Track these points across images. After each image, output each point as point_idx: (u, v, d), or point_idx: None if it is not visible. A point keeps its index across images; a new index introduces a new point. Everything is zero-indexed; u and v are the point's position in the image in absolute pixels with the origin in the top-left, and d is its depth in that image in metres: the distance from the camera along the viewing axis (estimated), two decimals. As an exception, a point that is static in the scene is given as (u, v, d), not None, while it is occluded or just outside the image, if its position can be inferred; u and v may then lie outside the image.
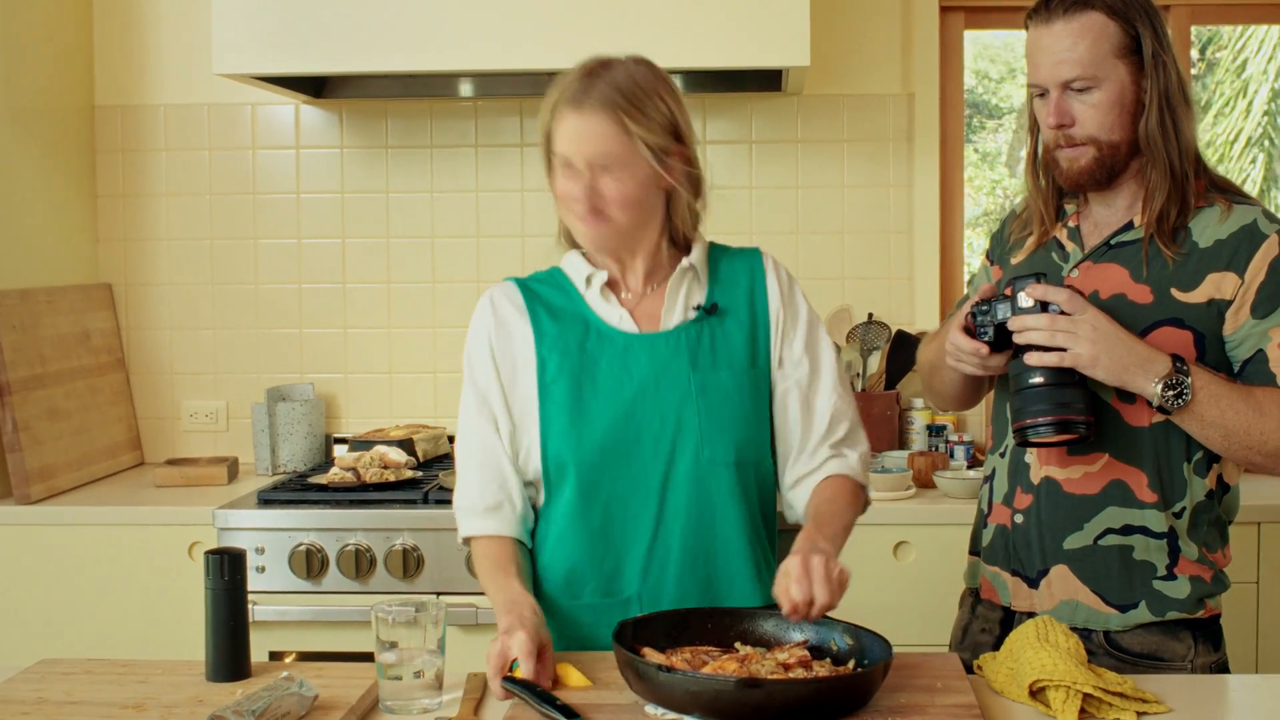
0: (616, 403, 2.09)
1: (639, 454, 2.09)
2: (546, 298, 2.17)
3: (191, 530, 3.30)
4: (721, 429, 2.09)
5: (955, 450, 3.65)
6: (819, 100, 3.90)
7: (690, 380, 2.09)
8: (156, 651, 3.24)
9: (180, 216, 3.99)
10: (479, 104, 3.94)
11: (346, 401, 4.00)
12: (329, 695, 1.85)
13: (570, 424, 2.09)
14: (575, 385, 2.10)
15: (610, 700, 1.79)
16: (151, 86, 3.98)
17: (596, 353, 2.11)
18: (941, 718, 1.71)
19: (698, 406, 2.09)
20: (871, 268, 3.93)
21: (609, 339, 2.12)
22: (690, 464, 2.08)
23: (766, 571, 2.12)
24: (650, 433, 2.08)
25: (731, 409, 2.10)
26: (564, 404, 2.10)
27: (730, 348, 2.13)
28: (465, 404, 2.18)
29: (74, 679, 1.96)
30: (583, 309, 2.15)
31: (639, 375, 2.10)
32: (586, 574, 2.12)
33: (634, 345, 2.11)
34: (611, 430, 2.08)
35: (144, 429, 4.01)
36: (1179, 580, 2.12)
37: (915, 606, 3.24)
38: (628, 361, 2.11)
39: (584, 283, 2.16)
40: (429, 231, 3.96)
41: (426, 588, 3.22)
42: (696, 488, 2.09)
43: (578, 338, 2.12)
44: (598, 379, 2.10)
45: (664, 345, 2.11)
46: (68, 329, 3.69)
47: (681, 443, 2.08)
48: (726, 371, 2.11)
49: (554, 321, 2.14)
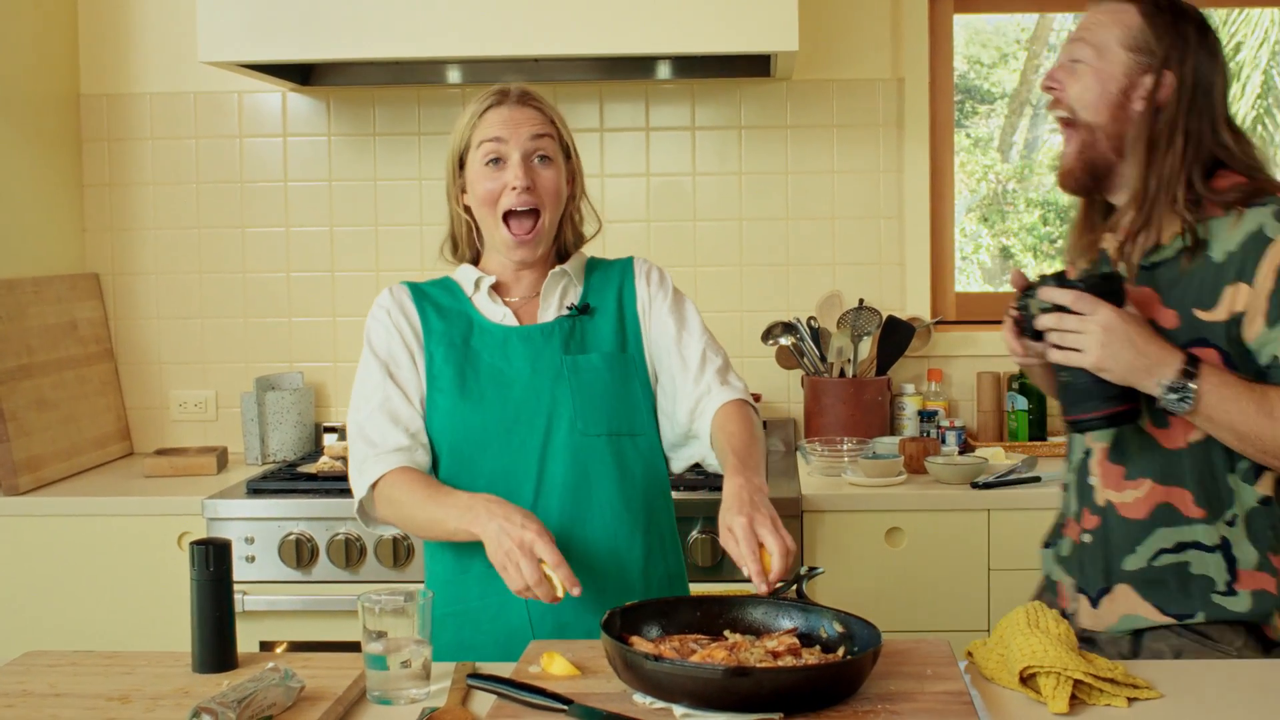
0: (497, 386, 2.22)
1: (518, 429, 2.20)
2: (435, 298, 2.31)
3: (181, 520, 3.29)
4: (593, 403, 2.22)
5: (947, 436, 3.64)
6: (808, 85, 3.89)
7: (563, 362, 2.24)
8: (146, 642, 3.23)
9: (167, 205, 3.98)
10: (467, 91, 3.92)
11: (336, 390, 3.98)
12: (316, 686, 1.84)
13: (455, 405, 2.21)
14: (459, 372, 2.23)
15: (598, 689, 1.78)
16: (137, 75, 3.96)
17: (479, 345, 2.25)
18: (932, 705, 1.70)
19: (571, 385, 2.22)
20: (862, 253, 3.91)
21: (490, 333, 2.26)
22: (565, 435, 2.20)
23: (648, 533, 2.23)
24: (528, 409, 2.21)
25: (603, 385, 2.24)
26: (449, 389, 2.22)
27: (600, 337, 2.28)
28: (366, 374, 2.27)
29: (59, 671, 1.95)
30: (468, 309, 2.29)
31: (517, 362, 2.24)
32: (474, 547, 2.12)
33: (512, 336, 2.26)
34: (493, 409, 2.20)
35: (132, 419, 4.00)
36: (1240, 595, 2.09)
37: (906, 592, 3.24)
38: (507, 351, 2.25)
39: (472, 286, 2.29)
40: (417, 219, 3.95)
41: (416, 576, 3.21)
42: (572, 457, 2.20)
43: (462, 332, 2.26)
44: (480, 368, 2.23)
45: (539, 335, 2.26)
46: (55, 319, 3.67)
47: (557, 417, 2.21)
48: (597, 354, 2.25)
49: (440, 319, 2.27)
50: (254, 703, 1.69)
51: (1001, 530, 3.23)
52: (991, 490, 3.25)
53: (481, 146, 2.22)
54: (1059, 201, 4.85)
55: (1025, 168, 5.31)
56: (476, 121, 2.24)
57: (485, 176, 2.22)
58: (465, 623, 2.21)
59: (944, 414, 3.77)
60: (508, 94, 2.25)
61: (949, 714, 1.67)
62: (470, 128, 2.25)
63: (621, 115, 3.90)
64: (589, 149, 3.89)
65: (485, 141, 2.22)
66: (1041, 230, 5.14)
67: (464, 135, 2.25)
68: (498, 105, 2.24)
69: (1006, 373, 3.82)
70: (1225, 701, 1.85)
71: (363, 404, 2.25)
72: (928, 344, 3.86)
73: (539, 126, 2.24)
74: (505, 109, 2.23)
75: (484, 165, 2.22)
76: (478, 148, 2.23)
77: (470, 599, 2.21)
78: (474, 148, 2.24)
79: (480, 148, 2.22)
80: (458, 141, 2.26)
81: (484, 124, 2.23)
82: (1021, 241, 5.08)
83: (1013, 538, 3.22)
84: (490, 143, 2.21)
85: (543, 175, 2.23)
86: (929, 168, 3.89)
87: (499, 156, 2.21)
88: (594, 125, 3.90)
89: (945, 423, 3.70)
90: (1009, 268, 5.02)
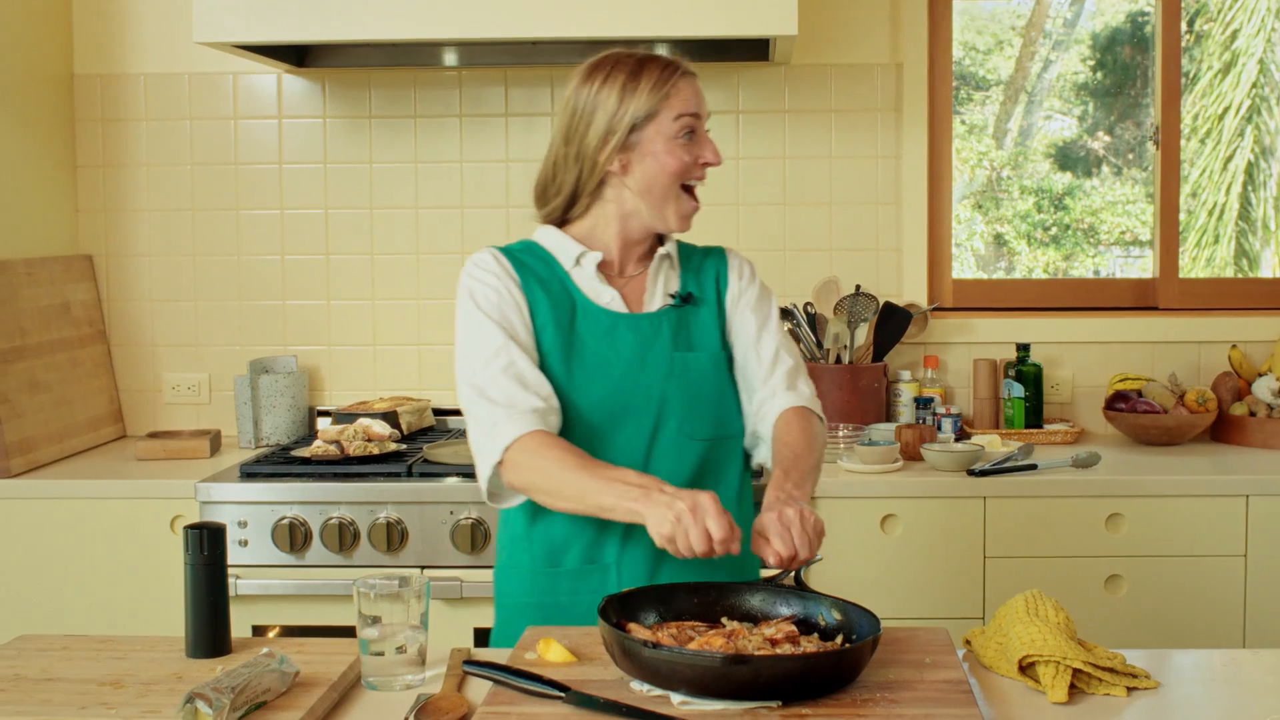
0: (605, 378, 2.15)
1: (624, 426, 2.15)
2: (533, 267, 2.21)
3: (173, 504, 3.27)
4: (700, 406, 2.18)
5: (943, 423, 3.63)
6: (806, 70, 3.87)
7: (673, 360, 2.18)
8: (138, 626, 3.22)
9: (161, 187, 3.95)
10: (463, 74, 3.90)
11: (330, 374, 3.97)
12: (310, 671, 1.83)
13: (561, 395, 2.12)
14: (565, 359, 2.15)
15: (595, 676, 1.77)
16: (131, 55, 3.94)
17: (584, 330, 2.17)
18: (931, 693, 1.70)
19: (681, 384, 2.17)
20: (859, 239, 3.90)
21: (595, 317, 2.18)
22: (672, 438, 2.16)
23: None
24: (636, 407, 2.15)
25: (710, 387, 2.20)
26: (556, 378, 2.14)
27: (704, 332, 2.23)
28: (479, 335, 2.14)
29: (51, 655, 1.94)
30: (568, 285, 2.20)
31: (625, 352, 2.16)
32: (569, 540, 2.15)
33: (620, 324, 2.18)
34: (600, 403, 2.14)
35: (125, 401, 3.98)
36: None
37: (903, 580, 3.23)
38: (614, 339, 2.17)
39: (572, 260, 2.20)
40: (413, 202, 3.93)
41: (410, 561, 3.20)
42: (676, 461, 2.16)
43: (567, 314, 2.17)
44: (585, 355, 2.16)
45: (648, 326, 2.19)
46: (47, 300, 3.65)
47: (665, 417, 2.16)
48: (705, 354, 2.21)
49: (544, 295, 2.18)
50: (248, 689, 1.68)
51: (998, 518, 3.22)
52: (988, 478, 3.25)
53: (679, 120, 2.15)
54: (1053, 189, 4.85)
55: (1020, 154, 5.30)
56: (669, 90, 2.15)
57: (679, 148, 2.15)
58: (551, 615, 2.14)
59: (940, 401, 3.76)
60: (679, 64, 2.19)
61: (948, 703, 1.66)
62: (659, 96, 2.14)
63: (618, 99, 3.88)
64: (585, 133, 3.87)
65: (684, 115, 2.15)
66: (1035, 217, 5.14)
67: (648, 102, 2.14)
68: (686, 76, 2.18)
69: (1003, 359, 3.81)
70: (1223, 691, 1.85)
71: (480, 367, 2.11)
72: (924, 330, 3.85)
73: (705, 104, 2.21)
74: (692, 81, 2.18)
75: (677, 137, 2.15)
76: (673, 119, 2.15)
77: (560, 593, 2.17)
78: (663, 117, 2.15)
79: (677, 120, 2.14)
80: (637, 106, 2.14)
81: (678, 95, 2.15)
82: (1015, 229, 5.07)
83: (1009, 525, 3.22)
84: (688, 116, 2.15)
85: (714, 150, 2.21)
86: (927, 153, 3.87)
87: (693, 130, 2.17)
88: (591, 109, 3.87)
89: (941, 409, 3.69)
90: (1002, 254, 5.03)
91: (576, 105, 2.17)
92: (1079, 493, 3.22)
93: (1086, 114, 4.61)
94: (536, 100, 3.89)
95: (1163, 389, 3.66)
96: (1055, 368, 3.88)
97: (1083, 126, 4.61)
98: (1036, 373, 3.74)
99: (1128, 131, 4.47)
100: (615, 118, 2.14)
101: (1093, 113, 4.59)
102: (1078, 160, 4.60)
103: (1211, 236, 5.36)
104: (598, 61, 2.19)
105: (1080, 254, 4.72)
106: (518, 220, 3.87)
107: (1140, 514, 3.21)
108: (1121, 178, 4.59)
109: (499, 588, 2.28)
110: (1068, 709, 1.74)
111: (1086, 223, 4.68)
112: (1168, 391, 3.66)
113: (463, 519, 3.18)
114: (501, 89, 3.89)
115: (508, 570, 2.25)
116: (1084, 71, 4.67)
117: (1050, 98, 4.72)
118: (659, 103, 2.14)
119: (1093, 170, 4.60)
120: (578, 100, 2.17)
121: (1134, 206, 4.58)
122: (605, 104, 2.14)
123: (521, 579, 2.21)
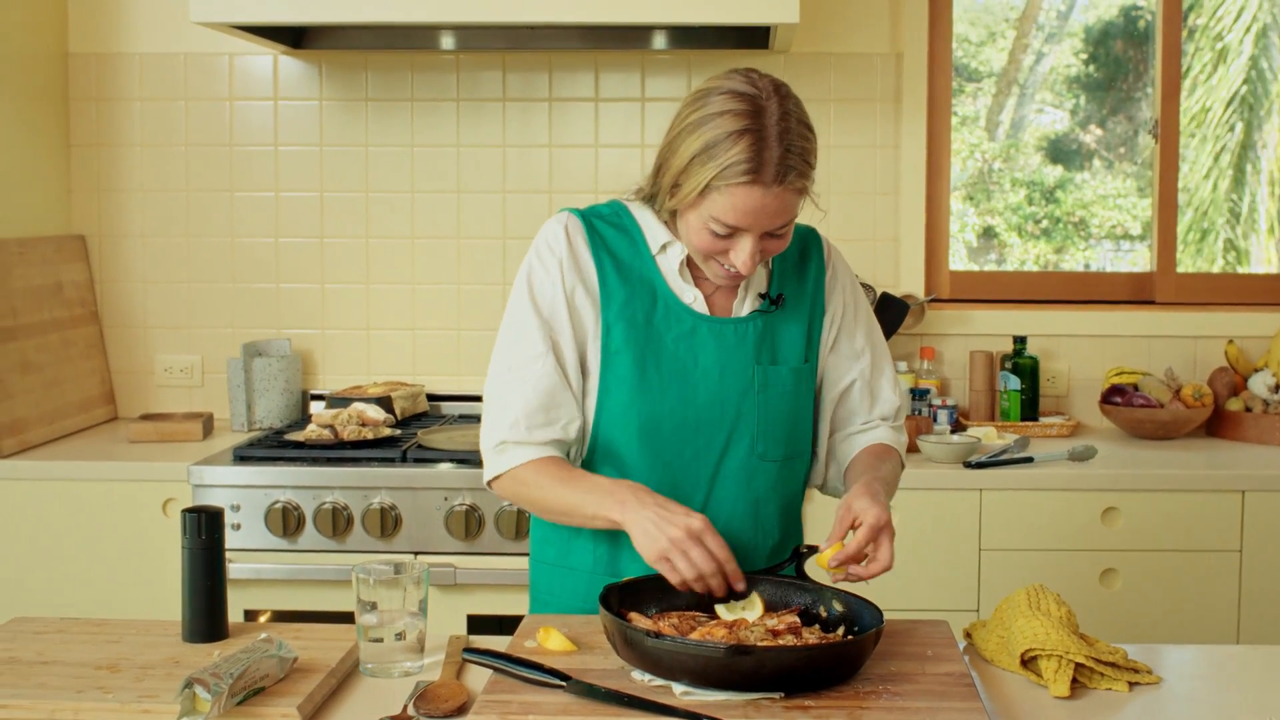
0: (680, 385, 2.02)
1: (695, 440, 2.03)
2: (614, 247, 2.04)
3: (166, 486, 3.25)
4: (776, 424, 2.06)
5: (939, 415, 3.63)
6: (806, 59, 3.86)
7: (754, 373, 2.04)
8: (131, 609, 3.21)
9: (155, 168, 3.93)
10: (460, 57, 3.87)
11: (324, 357, 3.95)
12: (308, 657, 1.82)
13: (630, 403, 2.01)
14: (639, 361, 2.01)
15: (595, 665, 1.76)
16: (127, 34, 3.91)
17: (663, 328, 2.02)
18: (932, 686, 1.69)
19: (759, 401, 2.04)
20: (857, 229, 3.89)
21: (677, 316, 2.03)
22: (744, 457, 2.05)
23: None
24: (709, 421, 2.03)
25: (787, 404, 2.06)
26: (626, 379, 2.01)
27: (790, 342, 2.07)
28: (524, 329, 2.02)
29: (46, 638, 1.92)
30: (652, 272, 2.04)
31: (704, 360, 2.02)
32: (633, 553, 1.99)
33: (701, 328, 2.03)
34: (671, 415, 2.01)
35: (118, 383, 3.96)
36: None
37: (897, 571, 3.21)
38: (694, 344, 2.02)
39: (658, 245, 2.04)
40: (408, 186, 3.91)
41: (404, 547, 3.19)
42: (746, 481, 2.06)
43: (645, 308, 2.02)
44: (662, 357, 2.01)
45: (732, 333, 2.04)
46: (40, 280, 3.63)
47: (738, 435, 2.04)
48: (786, 368, 2.06)
49: (622, 283, 2.02)
50: (247, 674, 1.66)
51: (993, 510, 3.22)
52: (984, 470, 3.24)
53: (712, 223, 1.90)
54: (1044, 181, 4.84)
55: (1011, 147, 5.30)
56: (721, 185, 1.86)
57: (706, 239, 1.93)
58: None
59: (936, 392, 3.75)
60: (765, 167, 1.84)
61: (950, 696, 1.66)
62: (707, 183, 1.86)
63: (617, 85, 3.87)
64: (583, 119, 3.86)
65: (717, 220, 1.89)
66: (1026, 210, 5.13)
67: (700, 177, 1.87)
68: (752, 184, 1.85)
69: (999, 352, 3.80)
70: (1225, 686, 1.85)
71: (516, 369, 2.01)
72: (921, 321, 3.84)
73: (788, 214, 1.91)
74: (759, 192, 1.85)
75: (707, 230, 1.91)
76: (708, 215, 1.89)
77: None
78: (701, 203, 1.90)
79: (711, 222, 1.90)
80: (696, 174, 1.88)
81: (727, 197, 1.86)
82: (1006, 221, 5.07)
83: (1005, 518, 3.21)
84: (723, 225, 1.89)
85: (770, 246, 1.95)
86: (925, 144, 3.86)
87: (729, 235, 1.91)
88: (589, 95, 3.86)
89: (937, 401, 3.68)
90: (994, 247, 5.02)
91: (674, 124, 1.95)
92: (1075, 486, 3.22)
93: (1079, 107, 4.60)
94: (534, 85, 3.87)
95: (1159, 383, 3.66)
96: (1052, 360, 3.87)
97: (1075, 120, 4.60)
98: (1033, 365, 3.73)
99: (1120, 125, 4.46)
100: (681, 173, 1.91)
101: (1085, 106, 4.58)
102: (1069, 153, 4.59)
103: (1198, 233, 5.36)
104: (718, 92, 1.90)
105: (1071, 247, 4.72)
106: (514, 205, 3.86)
107: (1136, 508, 3.21)
108: (1113, 171, 4.58)
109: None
110: (1070, 703, 1.74)
111: (1078, 216, 4.68)
112: (1164, 386, 3.66)
113: (457, 505, 3.17)
114: (499, 74, 3.87)
115: (540, 575, 2.17)
116: (1076, 65, 4.66)
117: (1042, 90, 4.71)
118: (705, 189, 1.88)
119: (1084, 164, 4.59)
120: (678, 119, 1.94)
121: (1125, 200, 4.58)
122: (684, 148, 1.90)
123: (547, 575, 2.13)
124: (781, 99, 1.89)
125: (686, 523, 1.83)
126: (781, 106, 1.88)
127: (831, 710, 1.61)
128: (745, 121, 1.85)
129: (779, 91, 1.90)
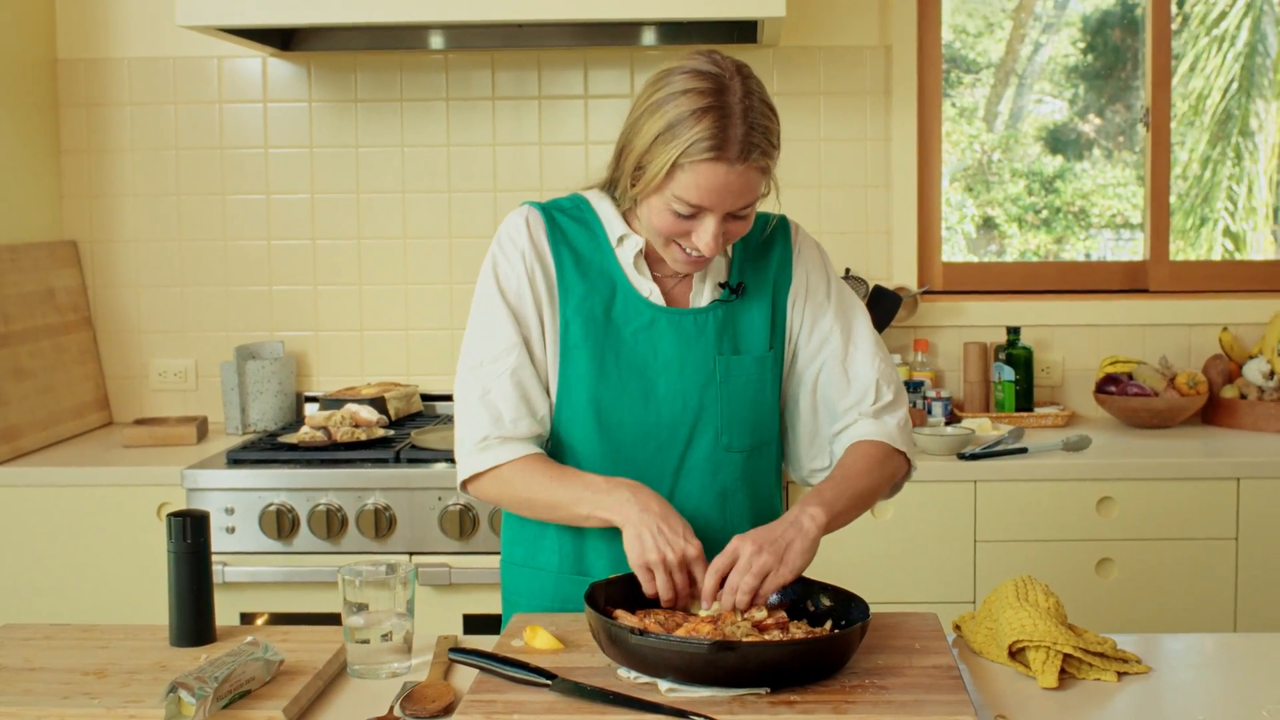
0: (640, 379, 2.00)
1: (657, 434, 2.01)
2: (574, 241, 2.03)
3: (160, 491, 3.25)
4: (740, 415, 2.03)
5: (933, 406, 3.63)
6: (795, 52, 3.85)
7: (715, 365, 2.02)
8: (123, 615, 3.21)
9: (146, 172, 3.92)
10: (450, 57, 3.87)
11: (317, 359, 3.94)
12: (295, 660, 1.82)
13: (590, 398, 2.00)
14: (598, 355, 1.99)
15: (581, 663, 1.76)
16: (115, 39, 3.90)
17: (621, 320, 2.01)
18: (920, 679, 1.68)
19: (721, 393, 2.02)
20: (848, 222, 3.88)
21: (635, 307, 2.01)
22: (708, 450, 2.03)
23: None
24: (671, 414, 2.01)
25: (751, 393, 2.04)
26: (585, 375, 2.00)
27: (752, 330, 2.05)
28: (492, 320, 2.01)
29: (34, 645, 1.92)
30: (611, 265, 2.02)
31: (664, 353, 2.01)
32: (598, 549, 2.02)
33: (660, 320, 2.01)
34: (632, 410, 2.00)
35: (111, 388, 3.96)
36: None
37: (893, 564, 3.22)
38: (654, 336, 2.01)
39: (615, 237, 2.03)
40: (399, 186, 3.90)
41: (399, 548, 3.19)
42: (711, 474, 2.04)
43: (604, 302, 2.01)
44: (621, 351, 2.00)
45: (691, 325, 2.02)
46: (32, 287, 3.62)
47: (702, 427, 2.02)
48: (749, 356, 2.03)
49: (580, 278, 2.01)
50: (232, 678, 1.66)
51: (988, 502, 3.21)
52: (978, 461, 3.24)
53: (675, 203, 1.88)
54: (1043, 172, 4.83)
55: (1010, 137, 5.29)
56: (685, 162, 1.84)
57: (668, 220, 1.91)
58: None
59: (930, 384, 3.75)
60: (729, 144, 1.83)
61: (937, 689, 1.65)
62: (673, 161, 1.85)
63: (606, 82, 3.86)
64: (572, 116, 3.85)
65: (680, 200, 1.87)
66: (1026, 200, 5.12)
67: (664, 156, 1.85)
68: (715, 160, 1.84)
69: (993, 343, 3.80)
70: (1214, 675, 1.84)
71: (490, 362, 1.99)
72: (914, 314, 3.83)
73: (752, 194, 1.90)
74: (723, 169, 1.84)
75: (669, 210, 1.90)
76: (671, 195, 1.88)
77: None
78: (665, 184, 1.88)
79: (674, 202, 1.88)
80: (660, 154, 1.86)
81: (690, 175, 1.85)
82: (1006, 212, 5.06)
83: (1000, 509, 3.21)
84: (686, 204, 1.88)
85: (733, 228, 1.93)
86: (916, 136, 3.85)
87: (692, 215, 1.90)
88: (578, 92, 3.85)
89: (931, 393, 3.68)
90: (993, 237, 5.02)
91: (635, 106, 1.93)
92: (1070, 476, 3.21)
93: (1077, 97, 4.59)
94: (523, 84, 3.86)
95: (1153, 372, 3.66)
96: (1045, 351, 3.87)
97: (1073, 109, 4.59)
98: (1027, 356, 3.73)
99: (1118, 114, 4.45)
100: (644, 154, 1.89)
101: (1083, 96, 4.57)
102: (1068, 143, 4.58)
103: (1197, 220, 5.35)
104: (680, 71, 1.90)
105: (1071, 237, 4.71)
106: (505, 204, 3.85)
107: (1131, 497, 3.20)
108: (1112, 160, 4.57)
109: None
110: (1058, 694, 1.73)
111: (1077, 206, 4.67)
112: (1158, 374, 3.65)
113: (451, 505, 3.17)
114: (488, 72, 3.87)
115: (509, 578, 2.16)
116: (1074, 54, 4.66)
117: (1041, 81, 4.70)
118: (670, 168, 1.86)
119: (1083, 153, 4.58)
120: (639, 101, 1.93)
121: (1125, 189, 4.56)
122: (646, 128, 1.89)
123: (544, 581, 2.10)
124: (744, 78, 1.89)
125: (683, 548, 1.83)
126: (744, 85, 1.88)
127: (817, 705, 1.60)
128: (708, 99, 1.84)
129: (741, 71, 1.90)
